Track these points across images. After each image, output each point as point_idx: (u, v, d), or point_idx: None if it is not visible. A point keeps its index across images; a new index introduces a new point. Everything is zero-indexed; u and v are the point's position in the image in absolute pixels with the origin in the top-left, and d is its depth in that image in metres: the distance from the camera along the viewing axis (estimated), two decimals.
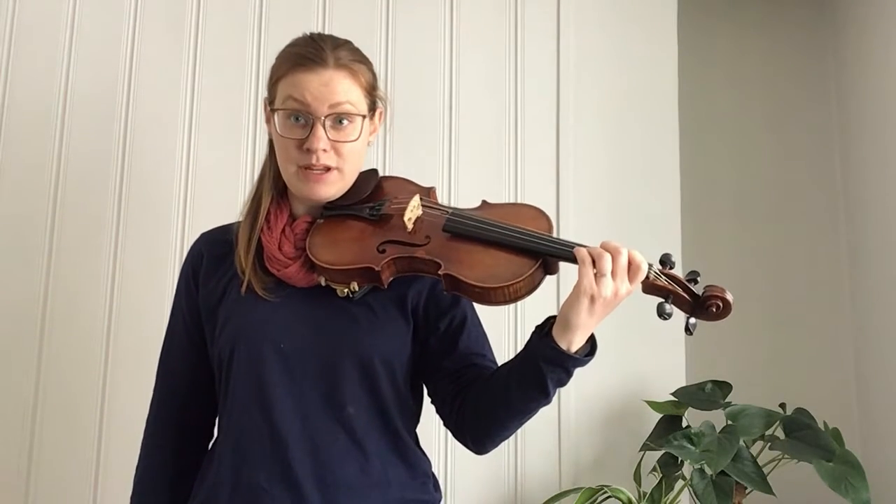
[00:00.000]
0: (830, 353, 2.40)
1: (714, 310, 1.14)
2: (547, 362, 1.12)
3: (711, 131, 2.49)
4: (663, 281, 1.13)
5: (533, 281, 1.16)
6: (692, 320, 1.14)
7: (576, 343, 1.12)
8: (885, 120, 2.24)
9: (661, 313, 1.12)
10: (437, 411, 1.31)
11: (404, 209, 1.23)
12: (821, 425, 1.92)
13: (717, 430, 1.86)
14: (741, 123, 2.52)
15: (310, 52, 1.24)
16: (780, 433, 1.91)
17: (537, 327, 1.17)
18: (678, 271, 1.16)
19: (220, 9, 2.06)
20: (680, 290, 1.13)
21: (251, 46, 2.05)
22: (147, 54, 2.02)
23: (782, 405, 1.98)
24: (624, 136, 2.15)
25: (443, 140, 2.07)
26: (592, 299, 1.09)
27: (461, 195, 2.02)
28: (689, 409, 1.94)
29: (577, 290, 1.10)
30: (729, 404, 1.92)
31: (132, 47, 2.02)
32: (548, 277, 1.19)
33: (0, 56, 1.98)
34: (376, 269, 1.18)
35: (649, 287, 1.14)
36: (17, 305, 1.89)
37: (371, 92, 1.29)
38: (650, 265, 1.13)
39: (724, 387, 1.97)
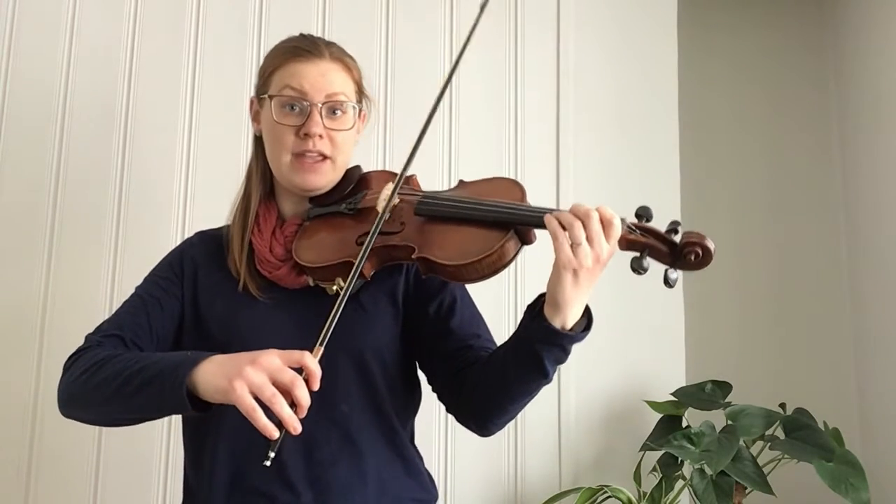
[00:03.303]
0: (830, 353, 2.40)
1: (693, 258, 1.07)
2: (542, 343, 1.08)
3: (711, 131, 2.49)
4: (638, 235, 1.08)
5: (505, 253, 1.12)
6: (673, 274, 1.07)
7: (570, 319, 1.08)
8: (885, 117, 2.24)
9: (637, 268, 1.06)
10: (438, 397, 1.30)
11: (378, 199, 1.24)
12: (821, 425, 1.92)
13: (717, 430, 1.86)
14: (741, 123, 2.52)
15: (306, 44, 1.28)
16: (780, 433, 1.91)
17: (529, 306, 1.14)
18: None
19: (220, 9, 2.06)
20: (656, 242, 1.08)
21: (251, 46, 2.05)
22: (147, 54, 2.02)
23: (782, 405, 1.99)
24: (624, 135, 2.16)
25: (443, 140, 2.07)
26: (575, 272, 1.04)
27: None
28: (689, 409, 1.94)
29: (556, 266, 1.05)
30: (729, 404, 1.92)
31: (132, 47, 2.02)
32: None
33: (0, 56, 1.98)
34: (354, 261, 1.17)
35: (624, 243, 1.08)
36: (17, 305, 1.88)
37: (360, 89, 1.33)
38: (623, 219, 1.08)
39: (724, 387, 1.97)
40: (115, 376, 1.10)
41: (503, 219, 1.14)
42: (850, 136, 2.43)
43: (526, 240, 1.15)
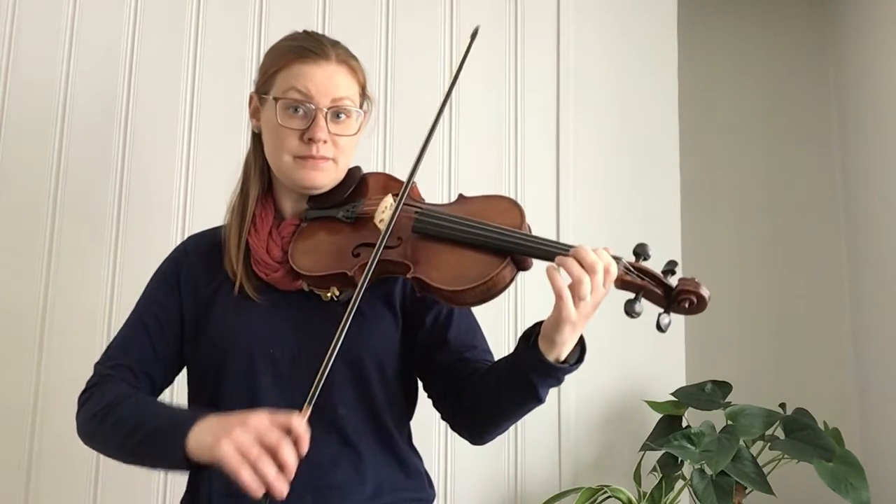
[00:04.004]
0: (830, 353, 2.40)
1: (687, 305, 1.07)
2: (536, 373, 1.10)
3: (711, 130, 2.49)
4: (634, 276, 1.08)
5: (502, 280, 1.12)
6: (665, 318, 1.07)
7: (564, 353, 1.09)
8: (885, 116, 2.24)
9: (630, 312, 1.06)
10: (433, 404, 1.31)
11: (376, 210, 1.23)
12: (821, 425, 1.92)
13: (717, 430, 1.86)
14: (742, 122, 2.52)
15: (312, 45, 1.26)
16: (780, 433, 1.91)
17: (524, 336, 1.15)
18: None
19: (220, 9, 2.06)
20: (650, 285, 1.07)
21: (251, 46, 2.05)
22: (147, 54, 2.02)
23: (782, 405, 1.98)
24: (624, 136, 2.16)
25: (443, 140, 2.07)
26: (574, 324, 1.06)
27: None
28: (689, 409, 1.94)
29: (557, 318, 1.05)
30: (729, 404, 1.92)
31: (132, 47, 2.02)
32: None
33: (0, 56, 1.98)
34: (349, 274, 1.16)
35: (619, 283, 1.08)
36: (17, 305, 1.88)
37: (364, 90, 1.32)
38: (619, 260, 1.08)
39: (724, 387, 1.97)
40: (120, 425, 1.16)
41: (501, 246, 1.13)
42: (850, 135, 2.43)
43: (521, 266, 1.15)
